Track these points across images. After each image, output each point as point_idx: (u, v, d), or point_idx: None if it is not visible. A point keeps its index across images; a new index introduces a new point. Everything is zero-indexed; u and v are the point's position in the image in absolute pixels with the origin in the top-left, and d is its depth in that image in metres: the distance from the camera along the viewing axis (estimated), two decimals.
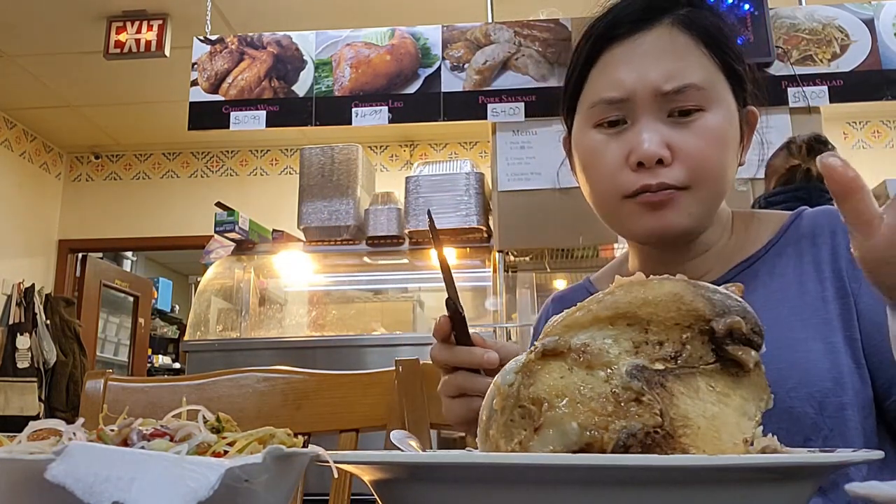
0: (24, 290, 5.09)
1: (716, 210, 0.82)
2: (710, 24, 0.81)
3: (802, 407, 0.72)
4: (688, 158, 0.76)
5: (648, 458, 0.38)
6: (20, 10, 4.01)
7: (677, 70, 0.77)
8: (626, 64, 0.79)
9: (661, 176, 0.75)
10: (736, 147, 0.81)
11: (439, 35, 3.18)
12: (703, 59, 0.79)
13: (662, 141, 0.76)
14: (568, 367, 0.46)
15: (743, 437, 0.43)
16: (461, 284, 3.53)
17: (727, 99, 0.80)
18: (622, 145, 0.78)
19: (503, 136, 3.03)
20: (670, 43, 0.79)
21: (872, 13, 3.07)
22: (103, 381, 1.07)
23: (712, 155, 0.76)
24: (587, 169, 0.82)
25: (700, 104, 0.77)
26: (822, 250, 0.80)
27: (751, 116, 0.85)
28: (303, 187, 3.30)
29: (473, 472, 0.40)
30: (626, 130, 0.78)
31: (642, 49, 0.79)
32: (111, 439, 0.41)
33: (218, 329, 3.38)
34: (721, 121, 0.77)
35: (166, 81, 4.72)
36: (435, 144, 5.73)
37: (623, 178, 0.77)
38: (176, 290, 7.88)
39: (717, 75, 0.79)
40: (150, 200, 5.79)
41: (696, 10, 0.82)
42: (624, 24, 0.80)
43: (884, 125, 5.38)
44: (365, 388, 1.05)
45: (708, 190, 0.77)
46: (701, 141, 0.76)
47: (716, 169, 0.77)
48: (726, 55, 0.80)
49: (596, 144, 0.80)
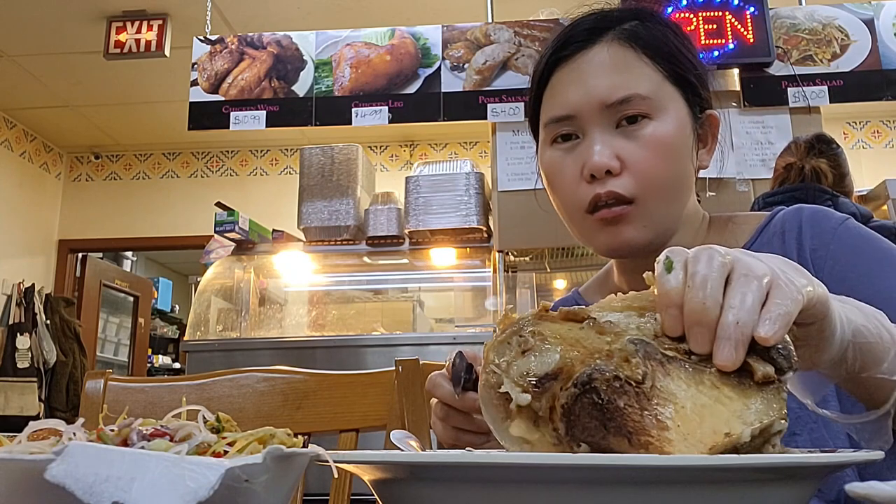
0: (24, 290, 5.09)
1: (677, 217, 0.83)
2: (655, 35, 0.83)
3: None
4: (636, 169, 0.78)
5: (648, 459, 0.38)
6: (20, 10, 4.01)
7: (621, 82, 0.79)
8: (571, 82, 0.82)
9: (609, 185, 0.78)
10: (688, 153, 0.82)
11: (439, 35, 3.18)
12: (646, 69, 0.81)
13: (612, 153, 0.78)
14: (580, 327, 0.48)
15: (726, 430, 0.42)
16: (461, 285, 3.54)
17: (676, 107, 0.81)
18: (577, 160, 0.81)
19: (503, 136, 3.03)
20: (611, 57, 0.81)
21: (872, 13, 3.07)
22: (103, 381, 1.07)
23: (661, 164, 0.79)
24: (551, 186, 0.86)
25: (647, 112, 0.79)
26: (790, 246, 0.82)
27: (712, 120, 0.87)
28: (303, 187, 3.30)
29: (473, 471, 0.40)
30: (579, 144, 0.81)
31: (585, 66, 0.81)
32: (111, 439, 0.41)
33: (218, 329, 3.38)
34: (669, 129, 0.79)
35: (166, 81, 4.72)
36: (435, 144, 5.73)
37: (580, 192, 0.80)
38: (176, 290, 7.88)
39: (664, 84, 0.81)
40: (150, 200, 5.79)
41: (641, 23, 0.83)
42: (570, 44, 0.83)
43: (884, 125, 5.38)
44: (365, 388, 1.05)
45: (659, 199, 0.79)
46: (649, 151, 0.78)
47: (664, 177, 0.79)
48: (673, 64, 0.82)
49: (555, 161, 0.83)
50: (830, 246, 0.78)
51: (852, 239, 0.78)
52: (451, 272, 3.49)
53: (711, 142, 0.88)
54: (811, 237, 0.80)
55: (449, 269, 3.45)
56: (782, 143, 2.41)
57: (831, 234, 0.79)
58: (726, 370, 0.44)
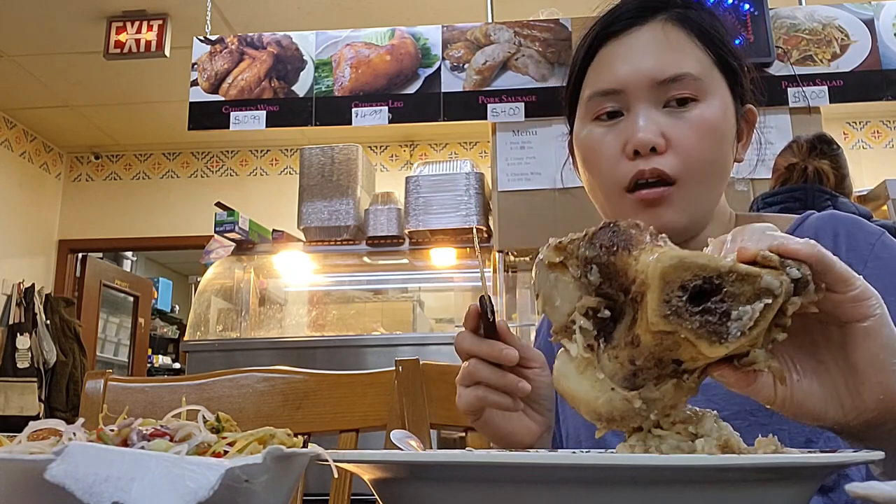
0: (24, 290, 5.09)
1: (713, 205, 0.82)
2: (705, 20, 0.82)
3: None
4: (682, 148, 0.77)
5: (649, 458, 0.38)
6: (20, 10, 4.01)
7: (673, 60, 0.78)
8: (621, 57, 0.80)
9: (654, 163, 0.77)
10: (731, 141, 0.82)
11: (439, 35, 3.18)
12: (697, 52, 0.80)
13: (658, 129, 0.77)
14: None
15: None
16: (461, 285, 3.54)
17: (722, 92, 0.81)
18: (619, 136, 0.79)
19: (503, 136, 3.03)
20: (664, 36, 0.80)
21: (872, 13, 3.07)
22: (103, 381, 1.07)
23: (706, 146, 0.77)
24: (587, 163, 0.84)
25: (696, 94, 0.78)
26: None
27: (749, 114, 0.86)
28: (303, 187, 3.30)
29: (473, 471, 0.40)
30: (623, 121, 0.80)
31: (637, 43, 0.80)
32: (111, 439, 0.41)
33: (218, 329, 3.38)
34: (716, 112, 0.78)
35: (166, 81, 4.72)
36: (435, 144, 5.73)
37: (621, 169, 0.79)
38: (176, 290, 7.88)
39: (712, 69, 0.80)
40: (150, 200, 5.78)
41: (690, 8, 0.83)
42: (619, 21, 0.82)
43: (884, 125, 5.38)
44: (365, 388, 1.05)
45: (701, 182, 0.78)
46: (696, 132, 0.77)
47: (709, 160, 0.78)
48: (721, 51, 0.81)
49: (595, 137, 0.81)
50: (868, 262, 0.76)
51: (891, 260, 0.75)
52: (451, 272, 3.49)
53: (747, 136, 0.87)
54: (847, 249, 0.77)
55: (449, 269, 3.45)
56: (782, 143, 2.40)
57: (868, 250, 0.77)
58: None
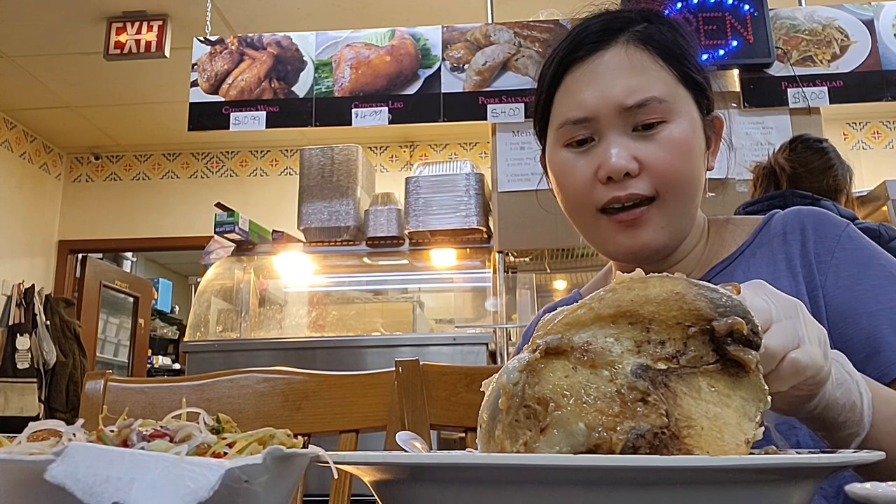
0: (24, 291, 5.08)
1: (690, 220, 0.84)
2: (666, 37, 0.83)
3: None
4: (655, 169, 0.78)
5: (649, 459, 0.38)
6: (20, 10, 4.01)
7: (638, 85, 0.79)
8: (587, 84, 0.81)
9: (630, 188, 0.78)
10: (702, 154, 0.83)
11: (439, 36, 3.18)
12: (661, 72, 0.81)
13: (629, 155, 0.78)
14: (572, 366, 0.46)
15: (744, 437, 0.44)
16: (461, 285, 3.53)
17: (689, 109, 0.82)
18: (591, 161, 0.80)
19: (503, 137, 3.03)
20: (628, 59, 0.81)
21: (872, 14, 3.07)
22: (103, 381, 1.07)
23: (678, 164, 0.79)
24: (561, 186, 0.85)
25: (663, 116, 0.79)
26: (793, 246, 0.83)
27: (716, 123, 0.88)
28: (303, 188, 3.30)
29: (474, 472, 0.40)
30: (595, 147, 0.81)
31: (601, 68, 0.81)
32: (111, 440, 0.41)
33: (218, 330, 3.38)
34: (685, 130, 0.80)
35: (166, 82, 4.72)
36: (435, 145, 5.73)
37: (596, 194, 0.80)
38: (176, 290, 7.88)
39: (677, 87, 0.81)
40: (150, 201, 5.78)
41: (652, 25, 0.84)
42: (583, 46, 0.83)
43: (884, 126, 5.38)
44: (365, 388, 1.05)
45: (677, 200, 0.80)
46: (667, 152, 0.78)
47: (683, 178, 0.79)
48: (684, 66, 0.82)
49: (566, 162, 0.83)
50: (835, 253, 0.80)
51: (857, 251, 0.79)
52: (451, 273, 3.49)
53: (715, 143, 0.88)
54: (815, 241, 0.81)
55: (449, 270, 3.45)
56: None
57: (835, 241, 0.80)
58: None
